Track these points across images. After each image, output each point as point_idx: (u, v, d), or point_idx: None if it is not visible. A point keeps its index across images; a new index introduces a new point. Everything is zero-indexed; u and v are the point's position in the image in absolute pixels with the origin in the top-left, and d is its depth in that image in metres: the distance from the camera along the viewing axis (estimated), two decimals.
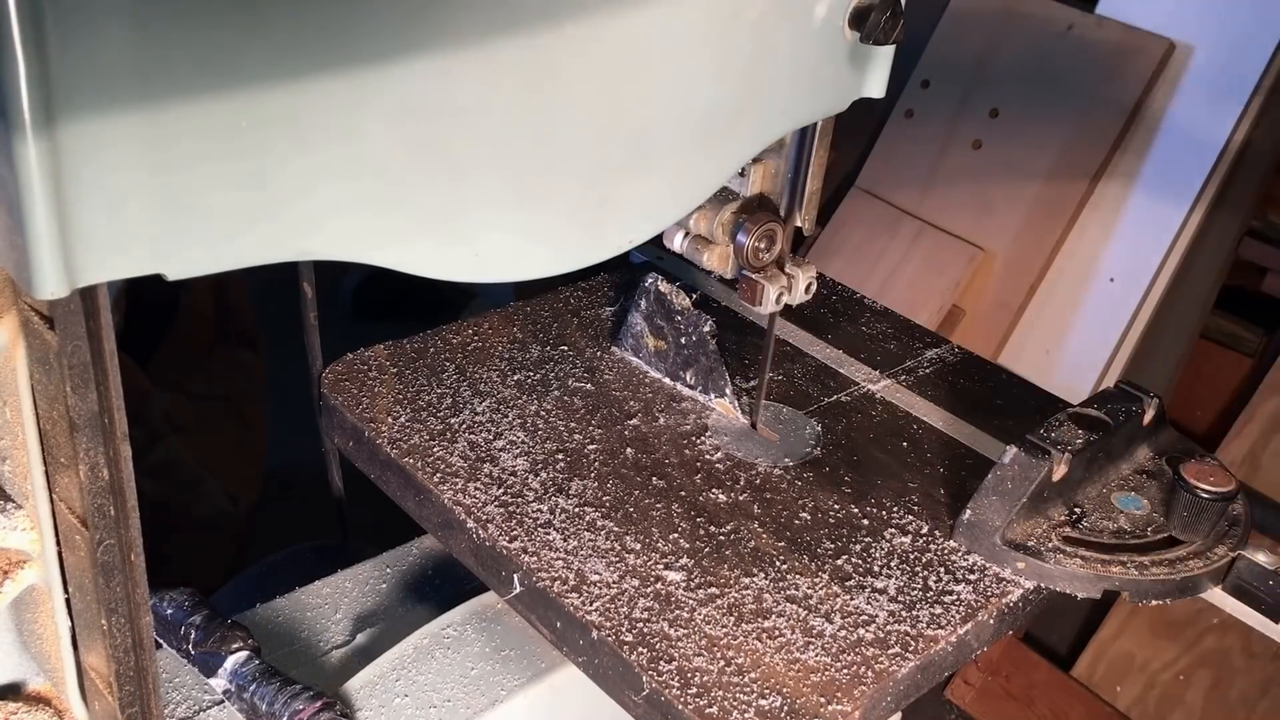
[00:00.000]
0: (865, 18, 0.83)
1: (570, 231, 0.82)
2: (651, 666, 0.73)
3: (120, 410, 0.61)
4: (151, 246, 0.59)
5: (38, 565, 0.69)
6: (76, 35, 0.52)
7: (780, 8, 0.82)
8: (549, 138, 0.76)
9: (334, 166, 0.65)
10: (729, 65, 0.82)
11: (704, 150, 0.85)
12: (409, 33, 0.65)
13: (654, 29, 0.77)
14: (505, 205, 0.76)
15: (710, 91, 0.82)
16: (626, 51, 0.76)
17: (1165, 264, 1.88)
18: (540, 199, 0.78)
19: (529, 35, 0.71)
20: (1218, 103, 1.84)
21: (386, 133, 0.67)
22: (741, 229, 0.94)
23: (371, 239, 0.70)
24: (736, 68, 0.82)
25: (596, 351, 1.07)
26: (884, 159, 2.13)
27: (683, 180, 0.86)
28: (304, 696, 0.79)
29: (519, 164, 0.75)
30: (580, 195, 0.80)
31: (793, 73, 0.86)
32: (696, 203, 0.88)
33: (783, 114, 0.88)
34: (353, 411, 0.93)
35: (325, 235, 0.67)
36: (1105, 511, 0.88)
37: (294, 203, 0.64)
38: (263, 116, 0.61)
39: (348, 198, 0.67)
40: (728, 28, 0.80)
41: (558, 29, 0.72)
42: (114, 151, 0.56)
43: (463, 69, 0.69)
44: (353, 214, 0.68)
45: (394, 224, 0.71)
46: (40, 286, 0.55)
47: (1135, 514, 0.88)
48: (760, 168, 0.97)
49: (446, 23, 0.67)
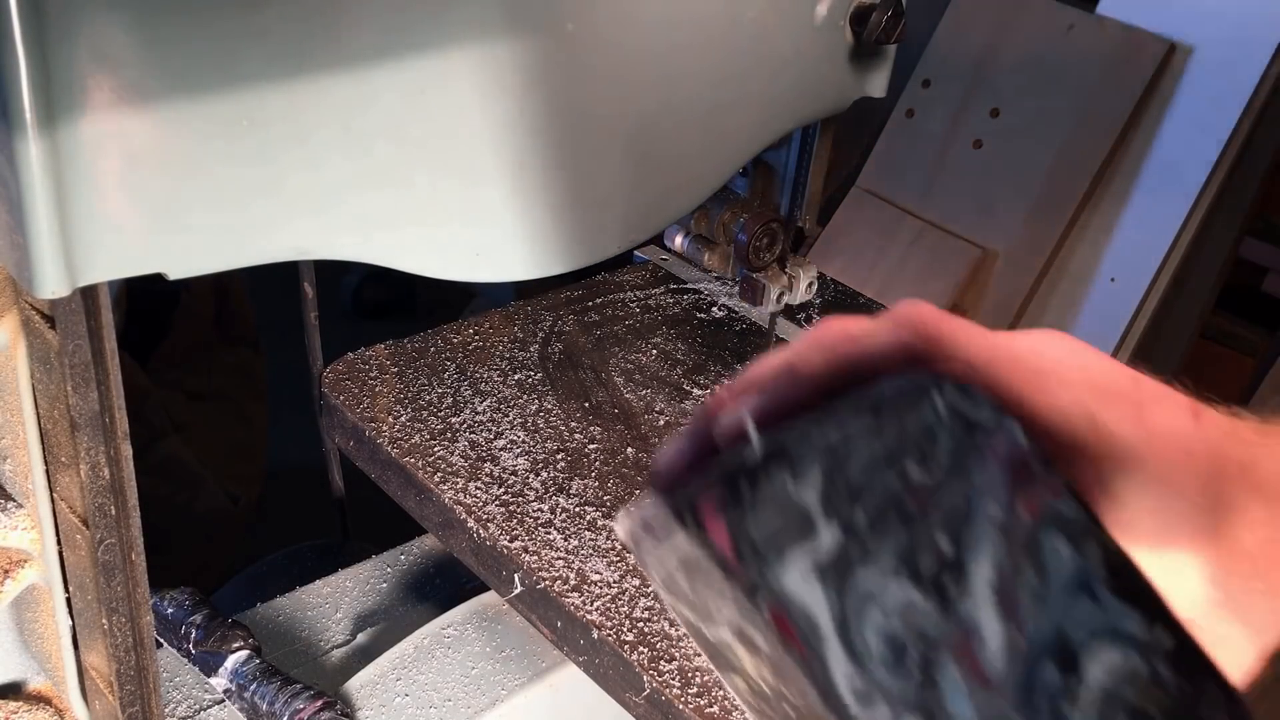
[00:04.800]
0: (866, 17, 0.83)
1: (571, 231, 0.82)
2: (652, 666, 0.73)
3: (121, 409, 0.61)
4: (152, 246, 0.59)
5: (38, 564, 0.69)
6: (77, 34, 0.52)
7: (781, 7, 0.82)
8: (549, 137, 0.76)
9: (334, 166, 0.65)
10: (729, 64, 0.82)
11: (704, 150, 0.85)
12: (409, 32, 0.65)
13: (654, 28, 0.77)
14: (505, 205, 0.76)
15: (710, 91, 0.82)
16: (626, 50, 0.76)
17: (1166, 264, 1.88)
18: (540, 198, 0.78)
19: (529, 34, 0.71)
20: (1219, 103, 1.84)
21: (387, 132, 0.67)
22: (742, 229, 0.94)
23: (371, 238, 0.70)
24: (737, 67, 0.82)
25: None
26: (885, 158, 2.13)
27: (683, 180, 0.86)
28: (304, 696, 0.79)
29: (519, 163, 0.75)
30: (581, 195, 0.80)
31: (793, 72, 0.86)
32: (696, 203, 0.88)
33: (783, 113, 0.88)
34: (353, 411, 0.93)
35: (325, 235, 0.67)
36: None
37: (294, 202, 0.64)
38: (263, 116, 0.61)
39: (348, 197, 0.67)
40: (728, 27, 0.80)
41: (558, 28, 0.72)
42: (115, 150, 0.56)
43: (463, 68, 0.69)
44: (353, 214, 0.68)
45: (394, 224, 0.71)
46: (41, 285, 0.55)
47: None
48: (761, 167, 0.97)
49: (447, 22, 0.67)
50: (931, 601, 0.32)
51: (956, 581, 0.32)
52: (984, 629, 0.32)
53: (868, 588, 0.31)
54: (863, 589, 0.31)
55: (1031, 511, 0.33)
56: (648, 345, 1.07)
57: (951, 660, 0.31)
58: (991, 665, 0.31)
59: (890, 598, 0.31)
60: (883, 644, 0.31)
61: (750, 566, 0.31)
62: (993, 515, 0.32)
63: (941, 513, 0.32)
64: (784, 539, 0.31)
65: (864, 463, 0.32)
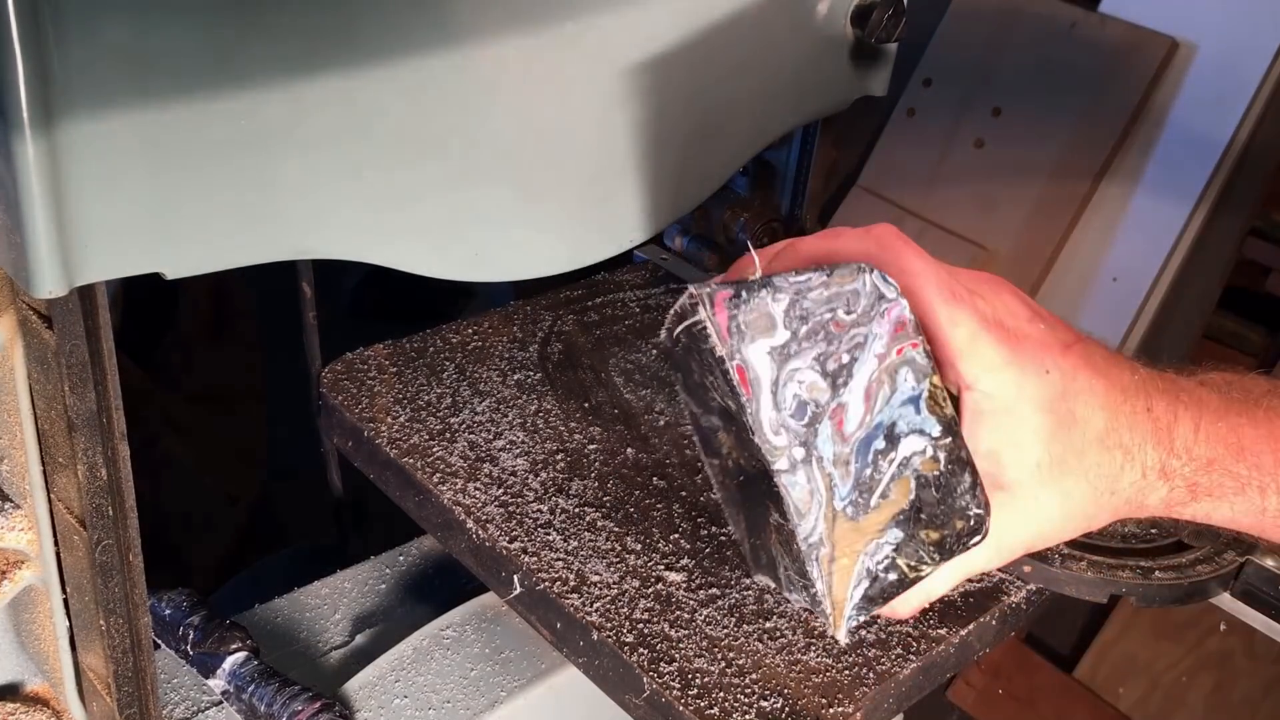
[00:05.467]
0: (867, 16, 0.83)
1: (571, 230, 0.81)
2: (652, 668, 0.73)
3: (119, 410, 0.61)
4: (150, 245, 0.59)
5: (35, 565, 0.69)
6: (76, 34, 0.52)
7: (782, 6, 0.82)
8: (549, 136, 0.76)
9: (334, 166, 0.65)
10: (730, 63, 0.82)
11: (705, 149, 0.85)
12: (409, 32, 0.65)
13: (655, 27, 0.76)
14: (505, 205, 0.76)
15: (711, 89, 0.82)
16: (627, 49, 0.76)
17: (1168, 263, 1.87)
18: (540, 198, 0.78)
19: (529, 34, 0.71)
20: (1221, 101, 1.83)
21: (386, 132, 0.67)
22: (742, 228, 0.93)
23: (371, 239, 0.70)
24: (738, 65, 0.82)
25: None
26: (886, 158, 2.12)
27: (683, 179, 0.85)
28: (303, 697, 0.79)
29: (519, 163, 0.75)
30: (581, 194, 0.80)
31: (794, 71, 0.85)
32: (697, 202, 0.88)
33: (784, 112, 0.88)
34: (352, 411, 0.93)
35: (325, 235, 0.67)
36: None
37: (293, 202, 0.64)
38: (262, 116, 0.60)
39: (347, 197, 0.67)
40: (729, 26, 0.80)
41: (558, 28, 0.71)
42: (113, 150, 0.55)
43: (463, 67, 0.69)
44: (352, 213, 0.67)
45: (394, 223, 0.70)
46: (38, 285, 0.54)
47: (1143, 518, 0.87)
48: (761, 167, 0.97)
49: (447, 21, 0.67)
50: (827, 384, 0.54)
51: (845, 379, 0.55)
52: (850, 409, 0.55)
53: (795, 368, 0.54)
54: (791, 368, 0.54)
55: (899, 353, 0.56)
56: (648, 345, 1.07)
57: (828, 419, 0.54)
58: (849, 428, 0.55)
59: (805, 377, 0.54)
60: (794, 402, 0.54)
61: (734, 338, 0.53)
62: (876, 350, 0.55)
63: (849, 340, 0.55)
64: (757, 329, 0.53)
65: (814, 300, 0.54)
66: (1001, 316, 0.58)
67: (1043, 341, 0.58)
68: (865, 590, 0.56)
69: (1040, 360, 0.58)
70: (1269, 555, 0.84)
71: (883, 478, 0.55)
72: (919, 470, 0.56)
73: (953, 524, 0.57)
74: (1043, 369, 0.57)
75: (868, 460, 0.55)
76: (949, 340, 0.57)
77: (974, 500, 0.57)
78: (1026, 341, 0.58)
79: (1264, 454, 0.59)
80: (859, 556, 0.55)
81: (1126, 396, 0.59)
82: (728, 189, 0.95)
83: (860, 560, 0.56)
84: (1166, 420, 0.59)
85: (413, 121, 0.67)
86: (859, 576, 0.56)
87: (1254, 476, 0.59)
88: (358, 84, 0.64)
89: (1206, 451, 0.59)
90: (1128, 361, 0.62)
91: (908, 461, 0.56)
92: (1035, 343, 0.58)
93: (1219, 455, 0.59)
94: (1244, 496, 0.60)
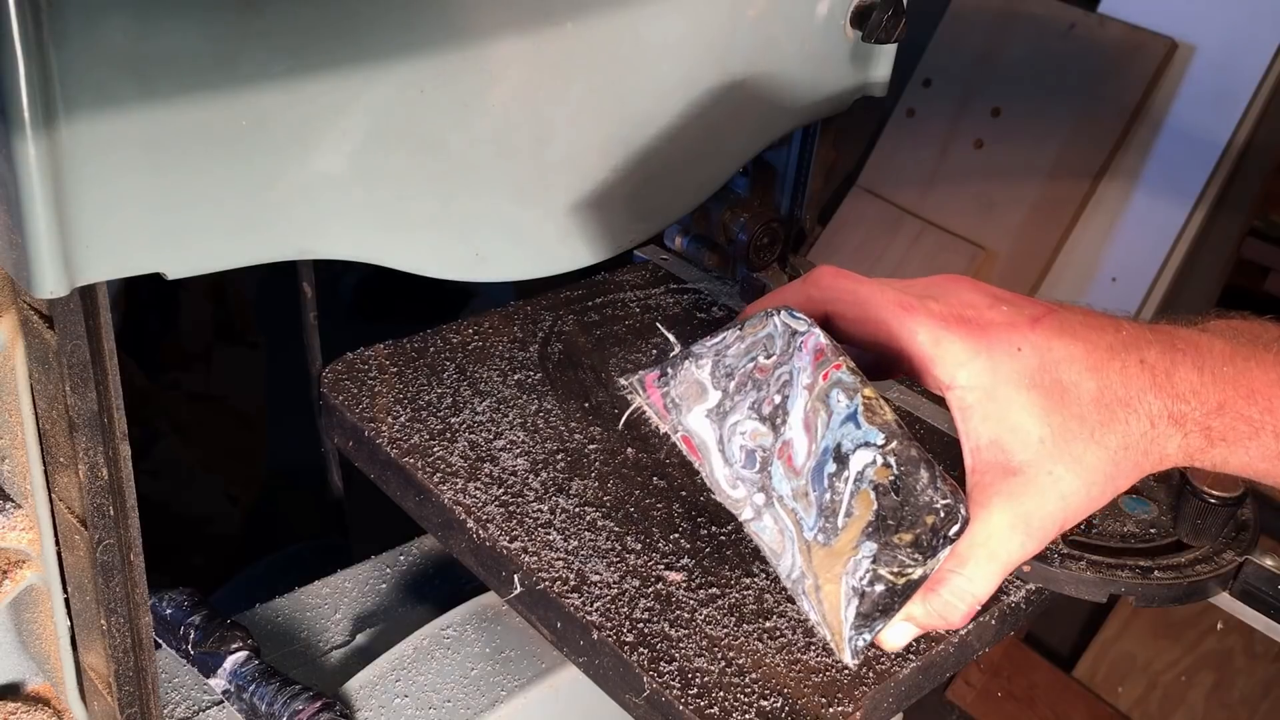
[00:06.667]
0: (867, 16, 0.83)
1: (571, 231, 0.81)
2: (652, 667, 0.73)
3: (120, 410, 0.61)
4: (151, 245, 0.59)
5: (37, 565, 0.69)
6: (77, 34, 0.52)
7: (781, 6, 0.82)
8: (549, 137, 0.76)
9: (334, 166, 0.65)
10: (730, 64, 0.82)
11: (705, 149, 0.85)
12: (409, 32, 0.65)
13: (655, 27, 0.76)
14: (505, 205, 0.76)
15: (711, 90, 0.82)
16: (627, 50, 0.76)
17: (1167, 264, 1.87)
18: (540, 198, 0.78)
19: (529, 34, 0.71)
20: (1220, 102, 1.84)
21: (386, 132, 0.67)
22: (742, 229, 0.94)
23: (372, 239, 0.70)
24: (738, 66, 0.82)
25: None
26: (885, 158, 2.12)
27: (683, 180, 0.85)
28: (304, 697, 0.79)
29: (519, 163, 0.75)
30: (581, 194, 0.80)
31: (794, 71, 0.86)
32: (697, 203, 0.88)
33: (784, 113, 0.88)
34: (352, 411, 0.93)
35: (325, 235, 0.67)
36: (1112, 515, 0.87)
37: (294, 202, 0.64)
38: (262, 116, 0.60)
39: (348, 197, 0.67)
40: (729, 26, 0.80)
41: (558, 27, 0.72)
42: (114, 150, 0.55)
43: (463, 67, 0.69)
44: (352, 214, 0.67)
45: (394, 223, 0.70)
46: (39, 285, 0.55)
47: (1142, 518, 0.87)
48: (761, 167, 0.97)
49: (447, 21, 0.67)
50: (768, 428, 0.58)
51: (782, 418, 0.58)
52: (795, 443, 0.58)
53: (734, 421, 0.58)
54: (731, 422, 0.58)
55: (825, 378, 0.57)
56: (648, 345, 1.07)
57: (778, 459, 0.58)
58: (799, 461, 0.57)
59: (746, 427, 0.58)
60: (742, 453, 0.58)
61: (672, 413, 0.59)
62: (804, 382, 0.57)
63: (776, 381, 0.58)
64: (690, 398, 0.58)
65: (734, 355, 0.58)
66: (960, 311, 0.59)
67: (1008, 322, 0.59)
68: (857, 608, 0.58)
69: (1009, 340, 0.58)
70: (1268, 555, 0.84)
71: (842, 498, 0.57)
72: (874, 480, 0.57)
73: (923, 521, 0.58)
74: (1013, 348, 0.58)
75: (824, 485, 0.57)
76: (915, 350, 0.58)
77: (937, 493, 0.58)
78: (990, 327, 0.58)
79: (1276, 398, 0.58)
80: (841, 578, 0.57)
81: (1114, 353, 0.59)
82: (728, 189, 0.95)
83: (844, 581, 0.57)
84: (1164, 367, 0.59)
85: (413, 121, 0.68)
86: (847, 597, 0.57)
87: (1267, 420, 0.59)
88: (358, 84, 0.64)
89: (1216, 394, 0.59)
90: (1111, 320, 0.61)
91: (861, 475, 0.57)
92: (1000, 326, 0.59)
93: (1229, 398, 0.59)
94: (1258, 441, 0.59)
